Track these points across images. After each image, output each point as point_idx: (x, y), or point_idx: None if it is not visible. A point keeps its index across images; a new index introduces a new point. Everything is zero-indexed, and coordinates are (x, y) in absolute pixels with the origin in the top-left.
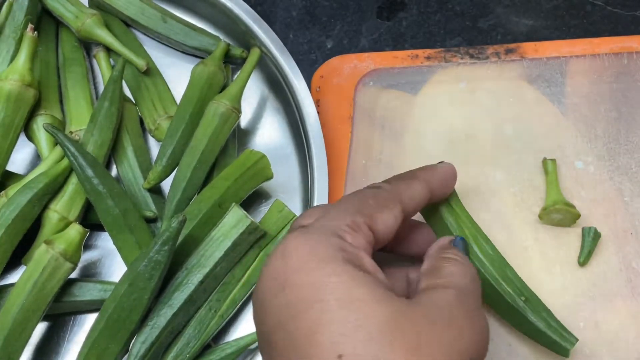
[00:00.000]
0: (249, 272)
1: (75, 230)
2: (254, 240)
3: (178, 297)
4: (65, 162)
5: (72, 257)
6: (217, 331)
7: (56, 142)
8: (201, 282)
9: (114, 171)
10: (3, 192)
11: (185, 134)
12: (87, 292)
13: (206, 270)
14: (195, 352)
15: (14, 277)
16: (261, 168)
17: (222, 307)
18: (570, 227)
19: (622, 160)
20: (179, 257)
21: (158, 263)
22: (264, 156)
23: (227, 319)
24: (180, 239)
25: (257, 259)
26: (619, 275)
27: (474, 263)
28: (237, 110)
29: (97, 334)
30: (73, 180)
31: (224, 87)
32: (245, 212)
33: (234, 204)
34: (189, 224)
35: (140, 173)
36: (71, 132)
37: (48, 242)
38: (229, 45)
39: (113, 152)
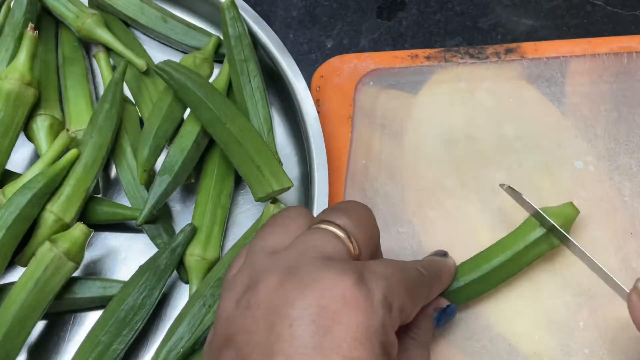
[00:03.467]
0: None
1: (79, 230)
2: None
3: None
4: (63, 161)
5: (75, 257)
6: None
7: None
8: None
9: (113, 172)
10: (0, 190)
11: (168, 120)
12: (87, 289)
13: None
14: (189, 347)
15: (9, 277)
16: None
17: (217, 303)
18: (571, 227)
19: (622, 160)
20: None
21: (167, 267)
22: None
23: None
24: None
25: None
26: (619, 275)
27: None
28: None
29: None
30: (70, 182)
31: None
32: None
33: None
34: None
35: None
36: (68, 131)
37: (52, 241)
38: (220, 39)
39: (112, 153)
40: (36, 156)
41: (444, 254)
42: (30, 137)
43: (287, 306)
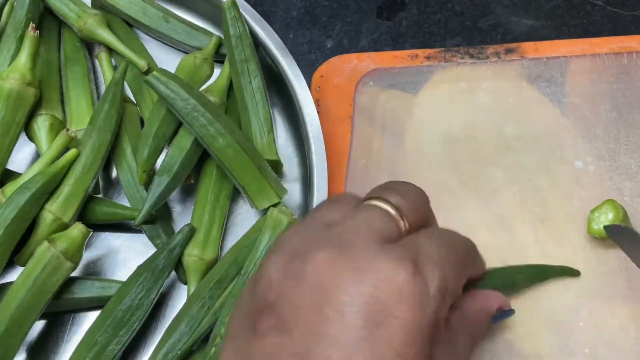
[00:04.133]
0: (242, 270)
1: (78, 230)
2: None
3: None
4: (62, 161)
5: (74, 257)
6: (210, 329)
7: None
8: None
9: (113, 172)
10: (0, 190)
11: (168, 120)
12: (85, 289)
13: None
14: (187, 349)
15: (8, 277)
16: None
17: (215, 304)
18: (571, 227)
19: (622, 160)
20: None
21: (165, 267)
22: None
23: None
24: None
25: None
26: (619, 275)
27: None
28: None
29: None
30: (69, 182)
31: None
32: None
33: None
34: None
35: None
36: (67, 130)
37: (50, 241)
38: (220, 39)
39: (112, 153)
40: (38, 156)
41: None
42: (31, 137)
43: (339, 290)
